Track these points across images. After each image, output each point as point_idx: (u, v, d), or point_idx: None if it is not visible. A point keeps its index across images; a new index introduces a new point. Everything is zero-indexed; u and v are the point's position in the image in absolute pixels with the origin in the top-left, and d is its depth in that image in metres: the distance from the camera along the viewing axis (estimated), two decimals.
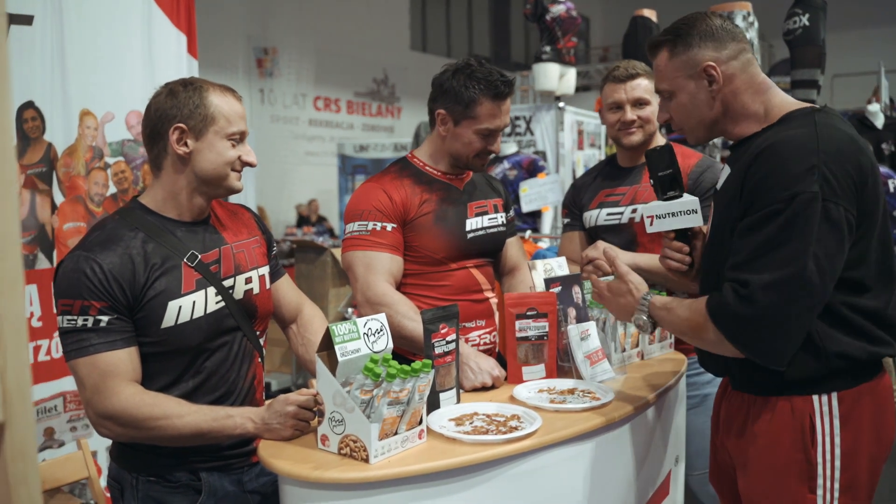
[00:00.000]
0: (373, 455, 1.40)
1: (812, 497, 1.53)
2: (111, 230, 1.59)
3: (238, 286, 1.70)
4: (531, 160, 5.56)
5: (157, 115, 1.60)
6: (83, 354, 1.51)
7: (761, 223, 1.45)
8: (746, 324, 1.44)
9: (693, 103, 1.63)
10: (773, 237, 1.43)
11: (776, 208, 1.43)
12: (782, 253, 1.42)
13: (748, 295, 1.42)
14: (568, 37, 5.57)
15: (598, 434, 1.67)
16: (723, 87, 1.60)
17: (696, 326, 1.53)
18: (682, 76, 1.63)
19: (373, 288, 2.01)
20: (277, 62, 12.46)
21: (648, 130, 2.40)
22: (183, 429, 1.53)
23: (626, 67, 2.40)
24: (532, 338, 1.96)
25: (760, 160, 1.48)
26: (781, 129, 1.54)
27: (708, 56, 1.59)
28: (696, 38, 1.61)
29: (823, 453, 1.53)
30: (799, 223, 1.41)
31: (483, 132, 2.08)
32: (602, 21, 19.74)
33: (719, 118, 1.64)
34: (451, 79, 2.08)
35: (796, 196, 1.41)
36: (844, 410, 1.53)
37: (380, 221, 2.06)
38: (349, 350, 1.47)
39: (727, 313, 1.46)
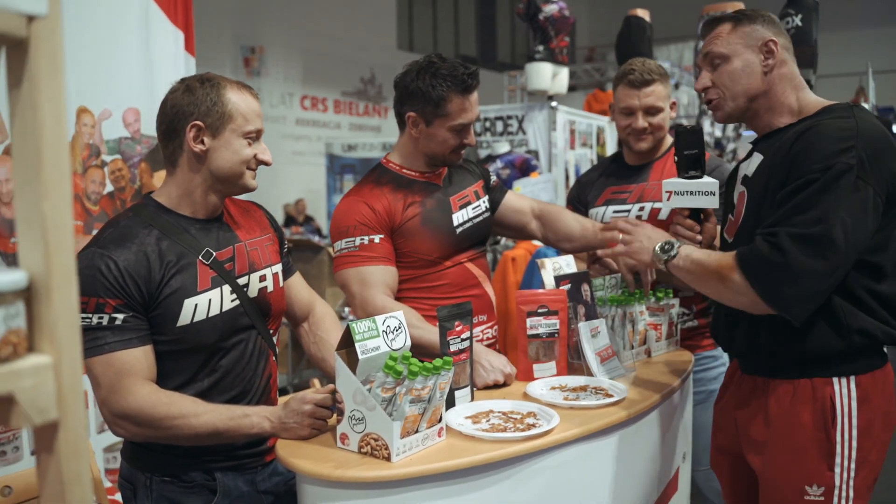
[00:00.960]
0: (395, 453, 1.39)
1: (830, 474, 1.63)
2: (125, 227, 1.57)
3: (252, 284, 1.68)
4: (524, 159, 5.56)
5: (174, 112, 1.58)
6: (98, 353, 1.49)
7: (796, 191, 1.55)
8: (772, 268, 1.52)
9: (745, 71, 1.72)
10: (806, 200, 1.52)
11: (811, 178, 1.53)
12: (811, 214, 1.51)
13: (776, 242, 1.52)
14: (560, 36, 5.57)
15: (613, 431, 1.67)
16: (775, 66, 1.71)
17: (725, 268, 1.60)
18: (742, 44, 1.72)
19: (371, 302, 1.99)
20: (264, 61, 12.39)
21: (658, 137, 2.40)
22: (200, 428, 1.51)
23: (641, 72, 2.35)
24: (543, 335, 1.96)
25: (802, 139, 1.59)
26: (822, 117, 1.64)
27: (770, 34, 1.71)
28: (762, 19, 1.73)
29: (842, 432, 1.62)
30: (831, 189, 1.50)
31: (456, 128, 2.06)
32: (588, 21, 19.80)
33: (760, 96, 1.73)
34: (417, 79, 2.04)
35: (832, 166, 1.51)
36: (861, 393, 1.63)
37: (367, 235, 2.03)
38: (369, 348, 1.46)
39: (756, 259, 1.54)
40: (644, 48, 5.02)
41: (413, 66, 2.08)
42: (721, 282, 1.61)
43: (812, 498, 1.64)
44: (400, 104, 2.11)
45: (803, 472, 1.65)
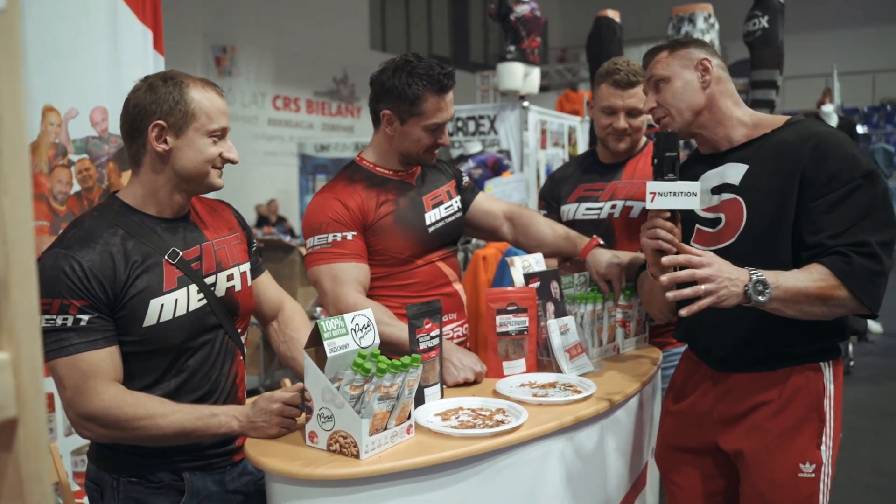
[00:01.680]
0: (363, 451, 1.39)
1: (818, 452, 1.77)
2: (90, 227, 1.55)
3: (220, 283, 1.67)
4: (496, 159, 5.59)
5: (136, 111, 1.57)
6: (63, 354, 1.47)
7: (846, 197, 1.66)
8: (876, 277, 1.64)
9: (686, 88, 1.86)
10: (867, 206, 1.65)
11: (858, 183, 1.66)
12: (877, 218, 1.66)
13: (872, 252, 1.64)
14: (532, 36, 5.61)
15: (582, 426, 1.69)
16: (712, 82, 1.85)
17: (829, 289, 1.63)
18: (679, 65, 1.87)
19: (343, 300, 1.99)
20: (236, 61, 12.29)
21: (636, 139, 2.43)
22: (167, 428, 1.50)
23: (627, 73, 2.35)
24: (512, 332, 1.97)
25: (820, 150, 1.70)
26: (804, 127, 1.79)
27: (704, 55, 1.87)
28: (694, 43, 1.91)
29: (828, 412, 1.78)
30: (881, 194, 1.68)
31: (431, 127, 2.07)
32: (560, 22, 19.91)
33: (703, 110, 1.86)
34: (393, 77, 2.04)
35: (872, 171, 1.67)
36: (835, 373, 1.80)
37: (339, 232, 2.03)
38: (338, 346, 1.46)
39: (860, 272, 1.63)
40: (614, 49, 5.06)
41: (389, 64, 2.09)
42: (823, 302, 1.63)
43: (805, 475, 1.76)
44: (375, 102, 2.11)
45: (797, 452, 1.77)
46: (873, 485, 3.84)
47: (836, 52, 15.38)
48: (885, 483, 3.87)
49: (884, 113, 15.14)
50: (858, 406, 5.01)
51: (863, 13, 16.98)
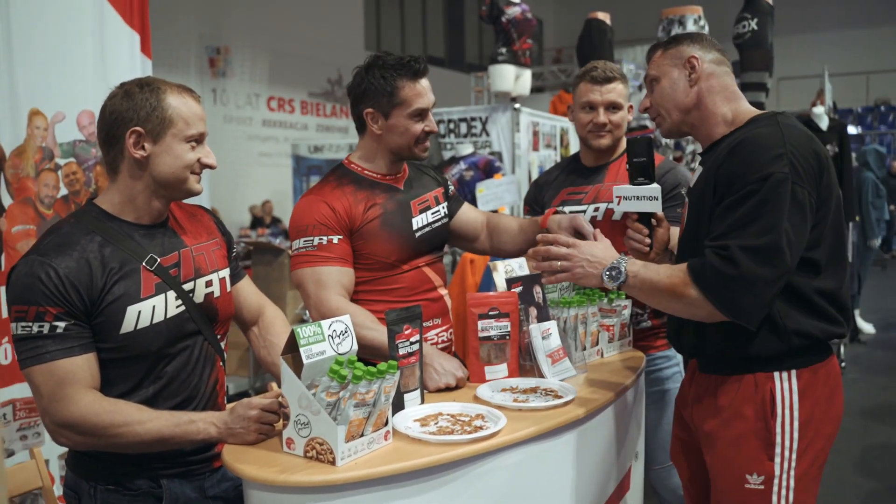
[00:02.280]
0: (339, 457, 1.39)
1: (770, 464, 1.70)
2: (67, 234, 1.55)
3: (198, 289, 1.67)
4: (487, 161, 5.59)
5: (113, 118, 1.57)
6: (39, 362, 1.47)
7: (738, 202, 1.63)
8: (728, 281, 1.59)
9: (673, 88, 1.85)
10: (750, 212, 1.60)
11: (752, 188, 1.61)
12: (758, 225, 1.59)
13: (728, 256, 1.59)
14: (523, 38, 5.61)
15: (561, 432, 1.69)
16: (700, 79, 1.82)
17: (678, 285, 1.66)
18: (668, 64, 1.86)
19: (325, 304, 1.99)
20: (230, 62, 12.26)
21: (617, 135, 2.44)
22: (145, 435, 1.50)
23: (603, 69, 2.41)
24: (494, 337, 1.98)
25: (733, 153, 1.68)
26: (749, 128, 1.74)
27: (692, 52, 1.84)
28: (687, 39, 1.87)
29: (783, 423, 1.70)
30: (773, 200, 1.59)
31: (415, 113, 2.07)
32: (554, 23, 19.92)
33: (692, 109, 1.84)
34: (367, 77, 2.08)
35: (769, 176, 1.60)
36: (802, 385, 1.71)
37: (325, 235, 2.03)
38: (314, 352, 1.46)
39: (710, 273, 1.61)
40: (605, 51, 5.07)
41: (360, 68, 2.12)
42: (676, 298, 1.67)
43: (752, 486, 1.71)
44: (356, 106, 2.13)
45: (743, 462, 1.72)
46: (862, 485, 3.85)
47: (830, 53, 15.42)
48: (874, 483, 3.88)
49: (878, 114, 15.18)
50: (847, 406, 5.01)
51: (858, 14, 17.02)
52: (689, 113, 1.84)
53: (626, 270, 1.74)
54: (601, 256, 1.79)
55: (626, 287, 1.76)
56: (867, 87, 16.69)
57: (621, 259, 1.77)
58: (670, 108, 1.86)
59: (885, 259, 11.55)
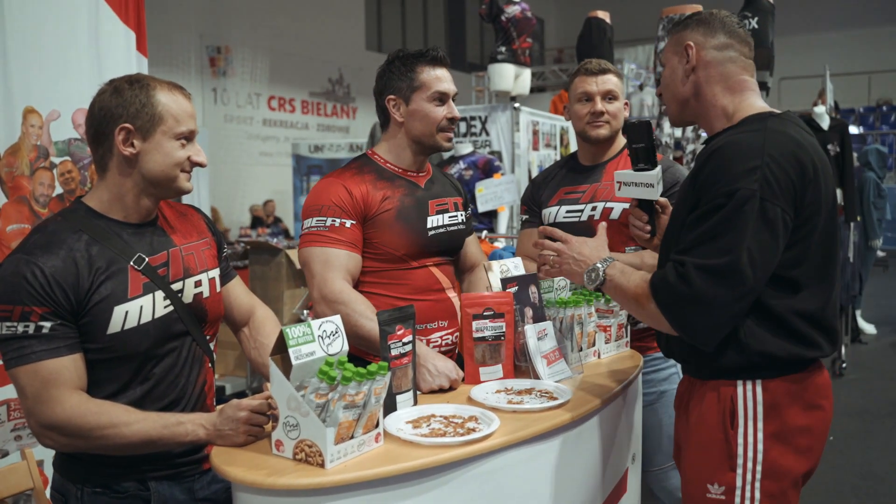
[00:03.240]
0: (328, 460, 1.37)
1: (732, 475, 1.62)
2: (53, 232, 1.53)
3: (187, 290, 1.65)
4: (487, 160, 5.57)
5: (102, 115, 1.55)
6: (24, 363, 1.45)
7: (705, 216, 1.55)
8: (681, 301, 1.54)
9: (671, 77, 1.77)
10: (713, 228, 1.53)
11: (718, 202, 1.53)
12: (719, 243, 1.51)
13: (683, 273, 1.53)
14: (523, 37, 5.59)
15: (556, 434, 1.67)
16: (697, 68, 1.71)
17: (641, 297, 1.63)
18: (670, 51, 1.77)
19: (329, 285, 1.99)
20: (231, 61, 12.24)
21: (614, 126, 2.43)
22: (132, 437, 1.48)
23: (598, 63, 2.44)
24: (489, 338, 1.95)
25: (711, 160, 1.59)
26: (735, 131, 1.64)
27: (692, 37, 1.72)
28: (694, 22, 1.74)
29: (745, 435, 1.61)
30: (736, 217, 1.51)
31: (435, 96, 2.11)
32: (556, 22, 19.90)
33: (690, 99, 1.74)
34: (388, 68, 2.14)
35: (736, 192, 1.51)
36: (769, 398, 1.61)
37: (339, 217, 2.04)
38: (303, 353, 1.44)
39: (666, 289, 1.57)
40: (604, 50, 5.04)
41: (382, 65, 2.19)
42: (640, 308, 1.65)
43: (713, 496, 1.64)
44: (379, 97, 2.16)
45: (706, 470, 1.66)
46: (863, 488, 3.82)
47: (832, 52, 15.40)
48: (875, 486, 3.86)
49: (879, 113, 15.15)
50: (849, 408, 5.00)
51: (859, 14, 16.99)
52: (686, 104, 1.75)
53: (603, 273, 1.72)
54: (587, 255, 1.77)
55: (605, 289, 1.74)
56: (869, 87, 16.66)
57: (606, 260, 1.74)
58: (669, 97, 1.79)
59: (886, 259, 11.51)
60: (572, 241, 1.81)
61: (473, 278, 2.35)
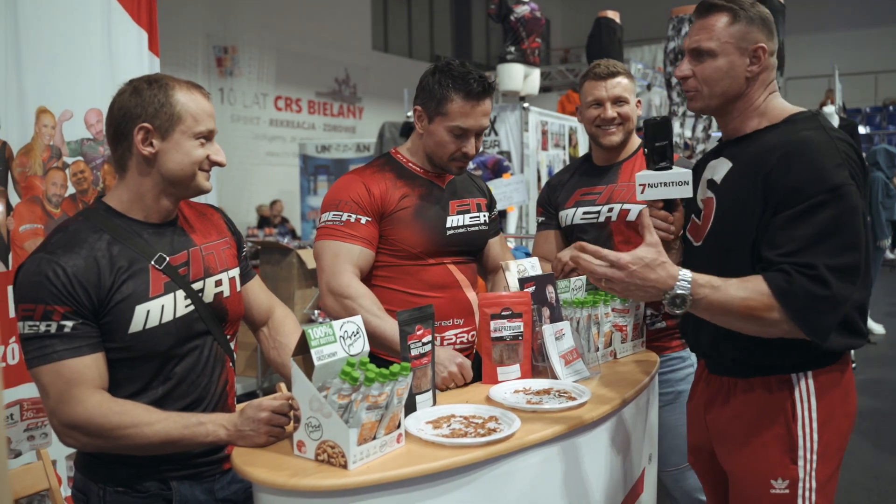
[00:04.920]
0: (351, 461, 1.36)
1: (794, 467, 1.66)
2: (75, 232, 1.53)
3: (208, 289, 1.65)
4: (496, 160, 5.56)
5: (121, 115, 1.55)
6: (46, 362, 1.45)
7: (807, 214, 1.53)
8: (818, 303, 1.51)
9: (729, 73, 1.69)
10: (827, 226, 1.52)
11: (821, 199, 1.52)
12: (839, 240, 1.52)
13: (818, 276, 1.50)
14: (532, 37, 5.58)
15: (576, 434, 1.66)
16: (759, 73, 1.70)
17: (759, 307, 1.53)
18: (732, 44, 1.68)
19: (337, 278, 2.01)
20: (237, 61, 12.26)
21: (627, 129, 2.42)
22: (153, 437, 1.47)
23: (606, 66, 2.41)
24: (507, 338, 1.95)
25: (790, 161, 1.58)
26: (791, 129, 1.65)
27: (762, 39, 1.69)
28: (759, 21, 1.69)
29: (802, 426, 1.66)
30: (848, 213, 1.53)
31: (454, 131, 2.07)
32: (562, 23, 19.88)
33: (737, 99, 1.72)
34: (430, 76, 2.10)
35: (839, 188, 1.53)
36: (819, 387, 1.66)
37: (355, 213, 2.06)
38: (325, 354, 1.43)
39: (799, 293, 1.51)
40: (614, 49, 5.03)
41: (434, 64, 2.15)
42: (754, 320, 1.54)
43: (778, 491, 1.67)
44: (415, 98, 2.16)
45: (768, 466, 1.68)
46: (872, 488, 3.80)
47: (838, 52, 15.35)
48: (885, 486, 3.84)
49: (886, 113, 15.10)
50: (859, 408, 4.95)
51: (866, 14, 16.93)
52: (732, 102, 1.72)
53: (691, 298, 1.53)
54: (655, 280, 1.52)
55: (694, 311, 1.57)
56: (875, 87, 16.61)
57: (684, 280, 1.53)
58: (717, 91, 1.70)
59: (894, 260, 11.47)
60: (629, 268, 1.52)
61: (497, 279, 2.34)
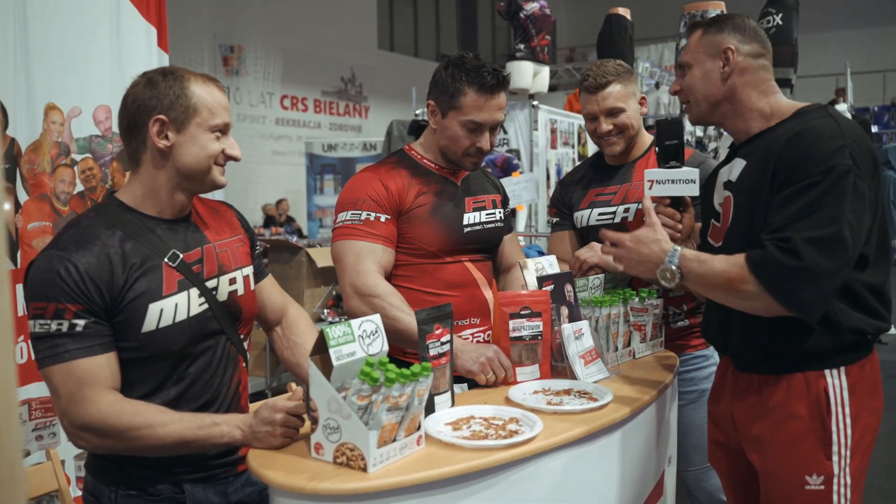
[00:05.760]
0: (371, 464, 1.32)
1: (829, 463, 1.67)
2: (87, 228, 1.49)
3: (222, 287, 1.61)
4: (505, 158, 5.51)
5: (136, 107, 1.51)
6: (58, 361, 1.41)
7: (798, 193, 1.57)
8: (791, 275, 1.54)
9: (704, 78, 1.79)
10: (811, 203, 1.55)
11: (813, 180, 1.56)
12: (820, 216, 1.54)
13: (791, 248, 1.53)
14: (542, 35, 5.53)
15: (598, 436, 1.62)
16: (733, 73, 1.76)
17: (735, 278, 1.59)
18: (703, 52, 1.80)
19: (363, 278, 1.95)
20: (244, 60, 12.25)
21: (628, 135, 2.33)
22: (166, 438, 1.43)
23: (595, 76, 2.29)
24: (526, 337, 1.90)
25: (792, 144, 1.62)
26: (801, 120, 1.69)
27: (730, 42, 1.77)
28: (729, 27, 1.79)
29: (837, 421, 1.67)
30: (835, 191, 1.55)
31: (468, 125, 2.02)
32: (567, 21, 19.81)
33: (723, 102, 1.79)
34: (443, 70, 2.05)
35: (833, 168, 1.55)
36: (851, 381, 1.68)
37: (374, 212, 2.01)
38: (344, 353, 1.39)
39: (771, 264, 1.55)
40: (625, 47, 4.98)
41: (448, 57, 2.10)
42: (732, 292, 1.62)
43: (813, 487, 1.68)
44: (428, 93, 2.12)
45: (802, 463, 1.68)
46: (889, 489, 3.75)
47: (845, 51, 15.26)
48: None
49: (895, 112, 15.01)
50: None
51: (873, 12, 16.84)
52: (719, 105, 1.80)
53: (678, 269, 1.67)
54: (648, 254, 1.72)
55: (685, 283, 1.71)
56: (884, 86, 16.53)
57: (673, 253, 1.69)
58: (699, 98, 1.81)
59: None
60: (627, 244, 1.76)
61: (510, 278, 2.30)
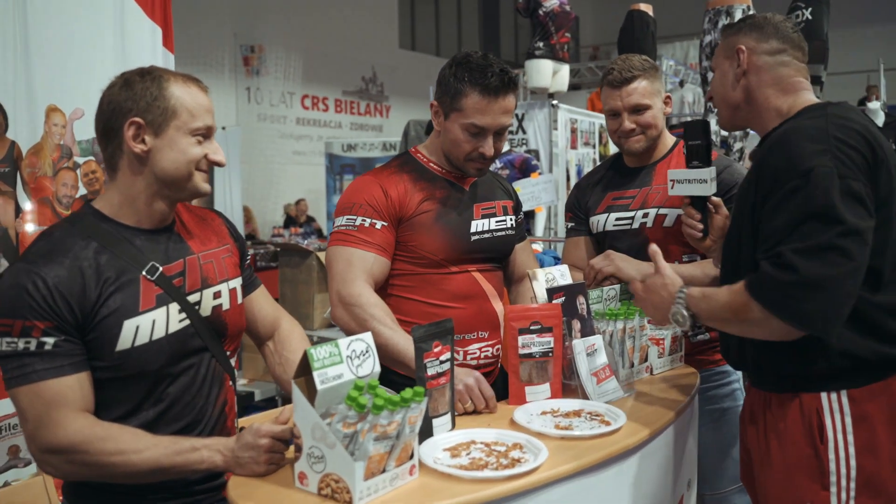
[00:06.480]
0: (357, 497, 1.21)
1: (825, 494, 1.54)
2: (59, 239, 1.40)
3: (205, 301, 1.51)
4: (524, 159, 5.38)
5: (111, 109, 1.41)
6: (25, 382, 1.32)
7: (783, 201, 1.48)
8: (788, 289, 1.43)
9: (721, 81, 1.75)
10: (797, 210, 1.45)
11: (794, 185, 1.46)
12: (809, 224, 1.43)
13: (784, 262, 1.43)
14: (561, 32, 5.40)
15: (609, 464, 1.50)
16: (748, 73, 1.69)
17: (739, 307, 1.50)
18: (722, 55, 1.75)
19: (348, 286, 1.86)
20: (264, 60, 12.24)
21: (651, 135, 2.21)
22: (141, 465, 1.33)
23: (620, 70, 2.18)
24: (536, 354, 1.78)
25: (773, 148, 1.56)
26: (792, 122, 1.61)
27: (744, 42, 1.70)
28: (746, 27, 1.72)
29: (836, 450, 1.53)
30: (819, 195, 1.43)
31: (469, 128, 1.91)
32: (592, 19, 19.60)
33: (741, 104, 1.72)
34: (448, 69, 1.95)
35: (811, 170, 1.45)
36: (857, 409, 1.53)
37: (370, 218, 1.91)
38: (330, 376, 1.28)
39: (768, 284, 1.45)
40: (647, 43, 4.84)
41: (454, 56, 2.00)
42: (740, 320, 1.52)
43: None
44: (434, 94, 2.02)
45: (797, 489, 1.57)
46: None
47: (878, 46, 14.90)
48: None
49: None
50: None
51: None
52: (738, 108, 1.73)
53: (687, 311, 1.61)
54: (658, 302, 1.68)
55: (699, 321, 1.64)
56: None
57: (680, 296, 1.62)
58: (719, 101, 1.77)
59: None
60: (639, 294, 1.75)
61: (522, 289, 2.18)
